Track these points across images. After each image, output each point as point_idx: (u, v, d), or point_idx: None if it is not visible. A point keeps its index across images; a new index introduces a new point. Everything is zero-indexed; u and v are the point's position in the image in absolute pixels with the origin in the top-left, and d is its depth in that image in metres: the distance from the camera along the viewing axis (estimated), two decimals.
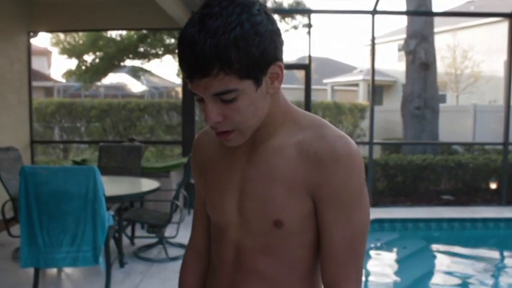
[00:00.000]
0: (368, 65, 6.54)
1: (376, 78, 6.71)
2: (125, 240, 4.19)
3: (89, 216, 3.06)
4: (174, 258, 3.96)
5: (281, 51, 0.85)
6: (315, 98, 11.99)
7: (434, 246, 5.36)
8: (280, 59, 0.85)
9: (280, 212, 0.88)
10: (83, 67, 11.68)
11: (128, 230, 4.42)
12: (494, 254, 5.19)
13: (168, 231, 4.25)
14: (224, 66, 0.77)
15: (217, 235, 1.00)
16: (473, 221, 5.53)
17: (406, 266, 4.74)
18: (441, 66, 14.49)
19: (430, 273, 4.58)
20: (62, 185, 3.01)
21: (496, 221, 5.55)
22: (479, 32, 16.92)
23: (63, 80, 16.32)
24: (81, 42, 11.41)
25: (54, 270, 3.70)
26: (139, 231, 4.62)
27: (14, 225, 3.98)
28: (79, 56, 11.57)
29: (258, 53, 0.79)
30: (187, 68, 0.80)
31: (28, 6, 6.09)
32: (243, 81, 0.80)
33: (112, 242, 3.56)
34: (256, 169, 0.91)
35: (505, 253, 5.22)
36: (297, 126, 0.91)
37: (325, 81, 21.75)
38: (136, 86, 20.38)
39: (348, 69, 24.29)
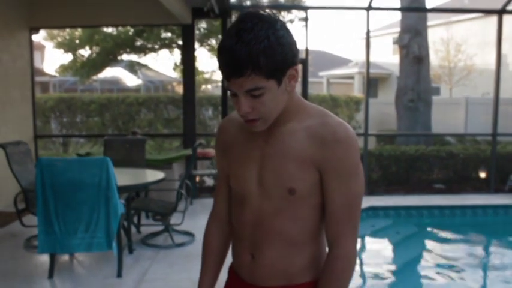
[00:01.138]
0: (363, 58, 6.72)
1: (371, 70, 6.87)
2: (132, 229, 4.37)
3: (102, 204, 3.24)
4: (180, 245, 4.17)
5: (297, 57, 1.09)
6: (311, 90, 12.16)
7: (426, 232, 5.59)
8: (296, 64, 1.09)
9: (293, 181, 1.12)
10: (80, 61, 11.69)
11: (134, 219, 4.60)
12: (482, 239, 5.43)
13: (173, 220, 4.44)
14: (255, 69, 1.01)
15: (239, 203, 1.24)
16: (463, 208, 5.79)
17: (399, 250, 4.97)
18: (435, 60, 14.70)
19: (422, 257, 4.82)
20: (77, 175, 3.20)
21: (484, 208, 5.81)
22: (472, 25, 17.13)
23: (58, 75, 16.34)
24: (76, 34, 11.33)
25: (66, 258, 3.89)
26: (144, 220, 4.82)
27: (26, 215, 4.15)
28: (75, 51, 11.59)
29: (280, 59, 1.04)
30: (227, 71, 1.04)
31: (29, 3, 6.16)
32: (269, 80, 1.05)
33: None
34: (273, 148, 1.15)
35: (493, 238, 5.47)
36: (306, 114, 1.16)
37: (320, 74, 21.89)
38: (131, 80, 20.40)
39: (343, 62, 24.41)
